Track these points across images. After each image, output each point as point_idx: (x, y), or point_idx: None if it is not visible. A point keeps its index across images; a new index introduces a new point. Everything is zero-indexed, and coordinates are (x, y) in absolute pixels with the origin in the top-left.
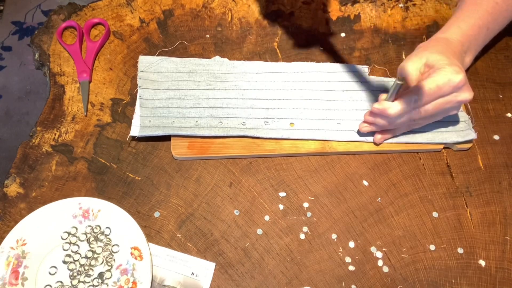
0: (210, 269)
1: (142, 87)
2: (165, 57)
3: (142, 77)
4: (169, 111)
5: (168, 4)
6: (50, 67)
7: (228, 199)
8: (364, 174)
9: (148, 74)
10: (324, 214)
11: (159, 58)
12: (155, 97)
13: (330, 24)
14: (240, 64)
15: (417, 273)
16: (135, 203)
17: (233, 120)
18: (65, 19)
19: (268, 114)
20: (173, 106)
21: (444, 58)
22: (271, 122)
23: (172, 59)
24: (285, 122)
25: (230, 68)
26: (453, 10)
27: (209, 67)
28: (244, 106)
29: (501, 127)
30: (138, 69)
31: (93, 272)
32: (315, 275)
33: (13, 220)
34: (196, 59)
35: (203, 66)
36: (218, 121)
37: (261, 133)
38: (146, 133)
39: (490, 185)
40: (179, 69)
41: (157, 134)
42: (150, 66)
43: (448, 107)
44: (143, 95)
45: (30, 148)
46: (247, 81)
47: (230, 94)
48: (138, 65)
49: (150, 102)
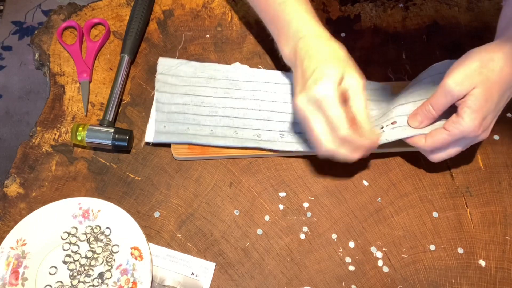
0: (210, 269)
1: (160, 90)
2: (185, 60)
3: (160, 79)
4: (185, 117)
5: (168, 4)
6: (50, 67)
7: (228, 199)
8: (364, 174)
9: (167, 77)
10: (324, 214)
11: (178, 61)
12: (172, 102)
13: (330, 24)
14: (260, 73)
15: (417, 273)
16: (135, 203)
17: (248, 131)
18: (65, 19)
19: (285, 127)
20: (189, 112)
21: (478, 98)
22: (287, 135)
23: (192, 63)
24: (301, 136)
25: (249, 76)
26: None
27: (228, 73)
28: (261, 117)
29: (501, 127)
30: (157, 71)
31: (93, 272)
32: (315, 275)
33: (13, 220)
34: (215, 65)
35: (222, 72)
36: (233, 131)
37: (276, 146)
38: (161, 140)
39: (490, 185)
40: (197, 74)
41: (172, 142)
42: (169, 69)
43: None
44: (160, 98)
45: (30, 148)
46: (266, 91)
47: (247, 104)
48: (158, 67)
49: (166, 106)
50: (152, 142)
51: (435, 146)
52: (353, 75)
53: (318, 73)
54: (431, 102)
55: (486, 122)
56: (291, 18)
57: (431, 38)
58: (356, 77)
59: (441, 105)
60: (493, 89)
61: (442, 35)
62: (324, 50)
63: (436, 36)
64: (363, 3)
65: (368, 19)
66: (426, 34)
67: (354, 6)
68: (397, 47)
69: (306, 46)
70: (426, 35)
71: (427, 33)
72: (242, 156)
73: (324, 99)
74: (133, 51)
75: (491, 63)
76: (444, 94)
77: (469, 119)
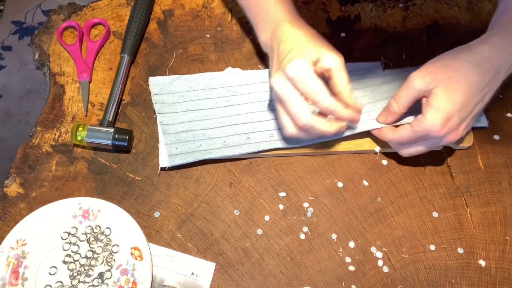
0: (210, 269)
1: (160, 112)
2: (176, 75)
3: (157, 101)
4: (194, 134)
5: (168, 4)
6: (50, 67)
7: (228, 199)
8: (364, 174)
9: (163, 96)
10: (324, 214)
11: (170, 77)
12: (176, 121)
13: (330, 24)
14: (255, 74)
15: (417, 273)
16: (135, 203)
17: (260, 134)
18: (65, 19)
19: None
20: (197, 128)
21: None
22: None
23: (184, 76)
24: None
25: (245, 80)
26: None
27: (223, 80)
28: (269, 118)
29: (501, 127)
30: (151, 93)
31: (93, 272)
32: (315, 275)
33: (13, 220)
34: (208, 74)
35: (217, 80)
36: (246, 137)
37: (291, 142)
38: (176, 162)
39: (490, 185)
40: (193, 87)
41: (188, 161)
42: (163, 88)
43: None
44: (163, 120)
45: (30, 148)
46: (266, 91)
47: (252, 108)
48: (150, 88)
49: (172, 127)
50: (168, 166)
51: (400, 141)
52: (331, 54)
53: (293, 53)
54: (395, 97)
55: (452, 124)
56: (270, 6)
57: (431, 38)
58: (334, 55)
59: (404, 100)
60: (457, 90)
61: (442, 35)
62: (299, 34)
63: (436, 36)
64: (363, 3)
65: (368, 19)
66: (426, 34)
67: (354, 6)
68: (397, 47)
69: (282, 31)
70: (426, 35)
71: (427, 33)
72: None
73: (300, 73)
74: (133, 51)
75: (456, 64)
76: (406, 88)
77: (431, 118)
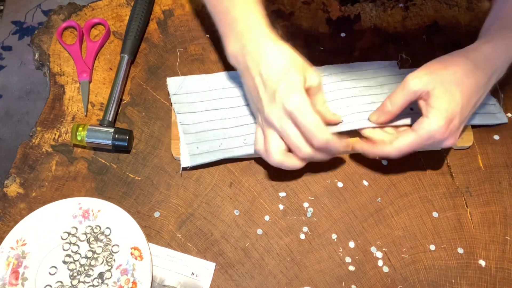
0: (210, 269)
1: (180, 112)
2: (194, 75)
3: (176, 101)
4: (215, 134)
5: (168, 4)
6: (50, 67)
7: (228, 199)
8: (364, 174)
9: (181, 96)
10: (324, 214)
11: (188, 77)
12: (196, 121)
13: (330, 24)
14: None
15: (417, 273)
16: (135, 203)
17: None
18: (65, 19)
19: None
20: (217, 127)
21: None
22: None
23: (201, 76)
24: None
25: None
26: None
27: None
28: None
29: (501, 127)
30: (169, 93)
31: (93, 272)
32: (315, 275)
33: (13, 220)
34: (225, 73)
35: (234, 79)
36: None
37: None
38: (198, 162)
39: (490, 185)
40: (211, 86)
41: (209, 160)
42: (180, 88)
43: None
44: (183, 120)
45: (30, 148)
46: None
47: None
48: (168, 88)
49: (192, 127)
50: (190, 166)
51: (404, 151)
52: (312, 74)
53: (284, 84)
54: (390, 97)
55: (453, 126)
56: (239, 16)
57: (431, 38)
58: (315, 76)
59: (399, 100)
60: (455, 91)
61: (442, 35)
62: (279, 56)
63: (436, 36)
64: (363, 3)
65: (368, 19)
66: (426, 34)
67: (354, 6)
68: (397, 47)
69: (257, 50)
70: (426, 35)
71: (427, 33)
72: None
73: (299, 109)
74: (133, 51)
75: (454, 67)
76: (402, 88)
77: (435, 119)
